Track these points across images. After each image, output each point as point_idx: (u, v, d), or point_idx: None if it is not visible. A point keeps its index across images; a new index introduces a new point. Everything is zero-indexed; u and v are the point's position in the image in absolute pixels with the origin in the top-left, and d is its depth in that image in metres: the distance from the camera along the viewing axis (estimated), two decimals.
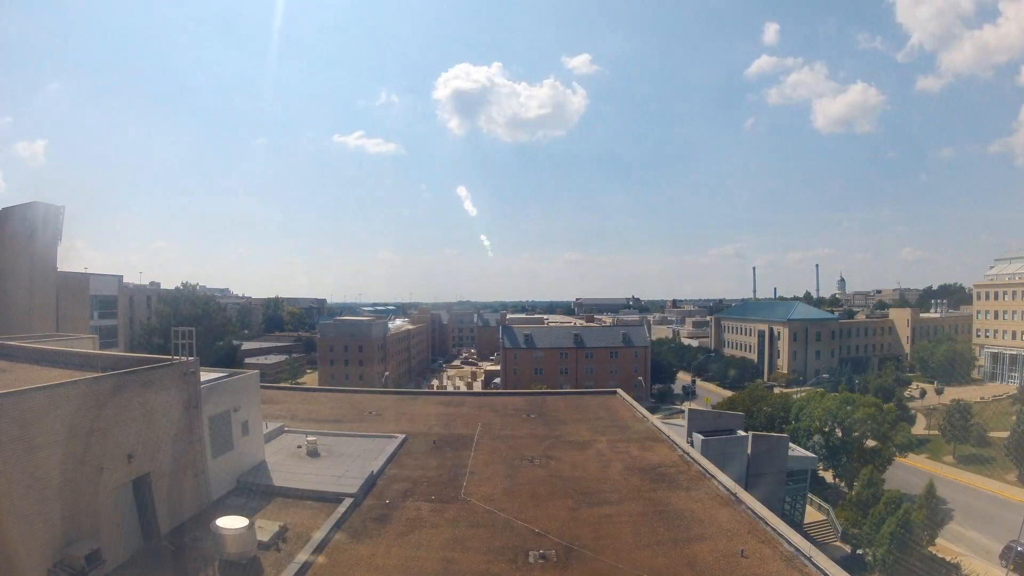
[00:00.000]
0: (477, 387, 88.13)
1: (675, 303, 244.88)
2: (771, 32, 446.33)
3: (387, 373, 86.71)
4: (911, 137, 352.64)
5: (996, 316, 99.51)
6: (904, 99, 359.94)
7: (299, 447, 23.95)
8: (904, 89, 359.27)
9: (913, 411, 69.12)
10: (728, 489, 19.79)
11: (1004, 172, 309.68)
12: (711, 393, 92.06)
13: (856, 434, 50.19)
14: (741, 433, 33.05)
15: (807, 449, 44.04)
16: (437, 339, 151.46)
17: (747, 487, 22.09)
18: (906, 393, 79.37)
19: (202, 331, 53.97)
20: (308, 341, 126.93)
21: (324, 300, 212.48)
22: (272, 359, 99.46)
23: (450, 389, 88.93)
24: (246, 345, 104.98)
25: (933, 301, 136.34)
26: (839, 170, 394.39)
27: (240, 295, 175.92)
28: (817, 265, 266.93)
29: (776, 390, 78.05)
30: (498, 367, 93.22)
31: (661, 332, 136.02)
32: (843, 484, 50.00)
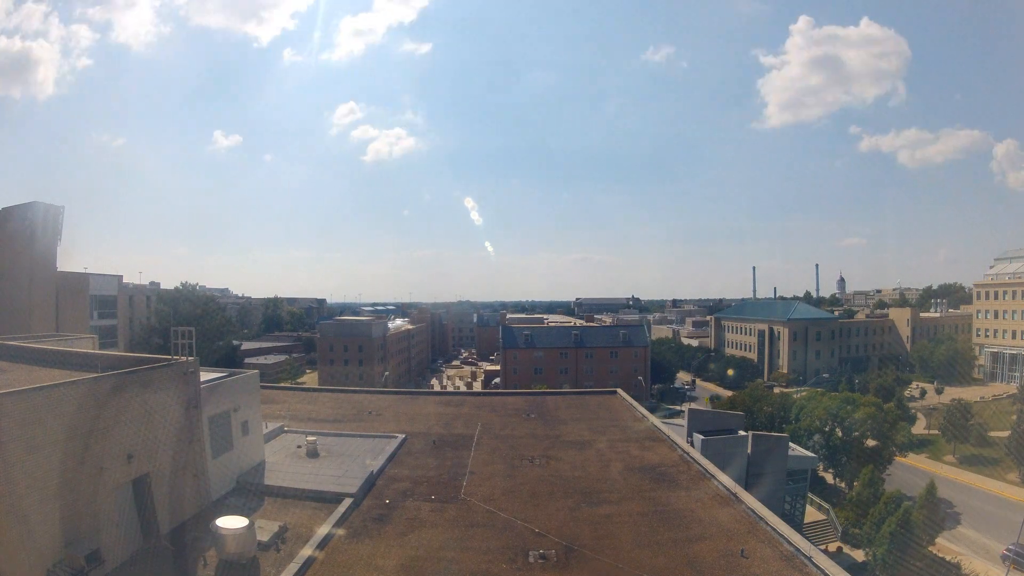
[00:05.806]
0: (477, 387, 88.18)
1: (675, 303, 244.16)
2: (774, 30, 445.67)
3: (387, 373, 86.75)
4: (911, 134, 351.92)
5: (996, 316, 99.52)
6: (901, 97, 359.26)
7: (299, 447, 23.95)
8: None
9: (913, 411, 69.11)
10: (728, 489, 19.79)
11: (1005, 171, 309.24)
12: (711, 393, 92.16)
13: (856, 434, 50.23)
14: (741, 433, 32.99)
15: (807, 449, 44.00)
16: (437, 339, 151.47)
17: (747, 487, 22.05)
18: (906, 393, 79.26)
19: (202, 331, 54.20)
20: (308, 341, 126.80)
21: (324, 300, 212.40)
22: (272, 359, 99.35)
23: (450, 389, 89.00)
24: (246, 345, 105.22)
25: (933, 301, 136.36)
26: (838, 168, 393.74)
27: (240, 295, 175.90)
28: (817, 265, 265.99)
29: (776, 390, 78.20)
30: (498, 367, 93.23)
31: (661, 332, 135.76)
32: (843, 484, 50.04)
